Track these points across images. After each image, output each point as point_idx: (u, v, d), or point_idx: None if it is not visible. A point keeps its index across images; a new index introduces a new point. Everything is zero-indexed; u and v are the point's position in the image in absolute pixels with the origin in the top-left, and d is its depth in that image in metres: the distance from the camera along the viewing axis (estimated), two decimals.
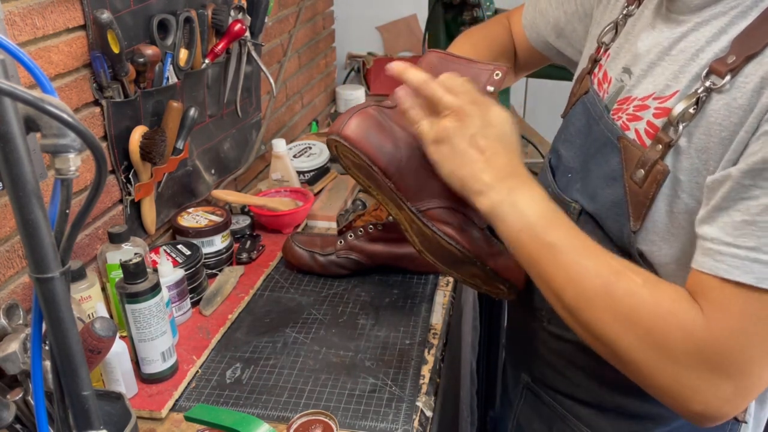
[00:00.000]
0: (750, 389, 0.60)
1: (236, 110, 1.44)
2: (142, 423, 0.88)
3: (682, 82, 0.66)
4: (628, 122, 0.72)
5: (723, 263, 0.58)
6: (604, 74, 0.79)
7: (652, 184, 0.67)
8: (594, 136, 0.77)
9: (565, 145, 0.84)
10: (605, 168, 0.73)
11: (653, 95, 0.69)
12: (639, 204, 0.69)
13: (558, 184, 0.83)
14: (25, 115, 0.45)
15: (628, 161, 0.70)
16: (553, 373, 0.88)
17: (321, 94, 2.12)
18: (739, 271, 0.56)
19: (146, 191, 1.14)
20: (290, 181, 1.46)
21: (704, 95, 0.62)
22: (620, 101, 0.74)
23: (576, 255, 0.66)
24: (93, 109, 1.02)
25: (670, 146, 0.65)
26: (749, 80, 0.59)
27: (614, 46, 0.80)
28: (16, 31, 0.85)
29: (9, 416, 0.63)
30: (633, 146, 0.70)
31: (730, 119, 0.60)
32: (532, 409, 0.94)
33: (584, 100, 0.81)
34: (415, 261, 1.19)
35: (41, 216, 0.47)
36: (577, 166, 0.80)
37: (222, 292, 1.14)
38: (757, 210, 0.56)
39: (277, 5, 1.67)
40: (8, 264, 0.88)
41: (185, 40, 1.18)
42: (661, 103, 0.68)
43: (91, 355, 0.70)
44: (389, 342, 1.04)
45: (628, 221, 0.70)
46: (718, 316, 0.58)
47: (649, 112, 0.69)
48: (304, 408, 0.90)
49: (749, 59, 0.59)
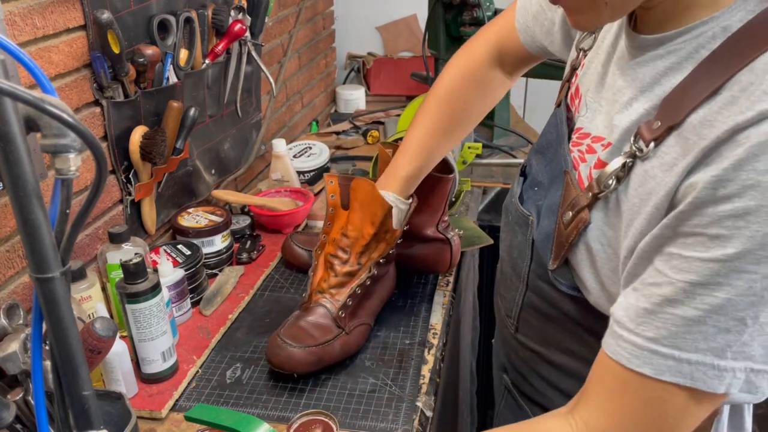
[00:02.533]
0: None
1: (236, 110, 1.44)
2: (142, 423, 0.88)
3: (614, 135, 0.65)
4: (578, 160, 0.71)
5: (624, 350, 0.58)
6: (576, 89, 0.78)
7: (573, 230, 0.67)
8: (557, 160, 0.76)
9: (537, 156, 0.83)
10: (553, 197, 0.74)
11: (601, 140, 0.67)
12: (560, 245, 0.69)
13: (524, 194, 0.83)
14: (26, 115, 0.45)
15: (564, 198, 0.70)
16: (522, 380, 0.89)
17: (321, 94, 2.12)
18: (639, 361, 0.57)
19: (146, 191, 1.14)
20: (290, 181, 1.46)
21: (630, 161, 0.61)
22: (580, 135, 0.72)
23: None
24: (93, 109, 1.02)
25: (597, 198, 0.65)
26: (669, 152, 0.57)
27: (589, 55, 0.77)
28: (16, 31, 0.85)
29: (9, 416, 0.63)
30: (572, 185, 0.70)
31: (644, 187, 0.59)
32: (510, 410, 0.95)
33: (556, 114, 0.80)
34: (414, 261, 1.19)
35: (41, 216, 0.47)
36: (545, 183, 0.79)
37: (222, 292, 1.14)
38: (659, 300, 0.56)
39: (277, 5, 1.67)
40: (8, 264, 0.88)
41: (185, 40, 1.18)
42: (604, 151, 0.66)
43: (91, 355, 0.70)
44: (389, 342, 1.04)
45: (549, 257, 0.71)
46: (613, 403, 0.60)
47: (594, 158, 0.68)
48: (304, 408, 0.90)
49: (671, 130, 0.57)
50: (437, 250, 1.18)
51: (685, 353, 0.54)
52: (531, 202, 0.81)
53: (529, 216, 0.79)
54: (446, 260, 1.20)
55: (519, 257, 0.82)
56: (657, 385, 0.56)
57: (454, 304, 1.19)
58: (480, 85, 1.00)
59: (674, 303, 0.54)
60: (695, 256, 0.53)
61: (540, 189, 0.80)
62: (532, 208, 0.79)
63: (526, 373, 0.87)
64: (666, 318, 0.55)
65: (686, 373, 0.55)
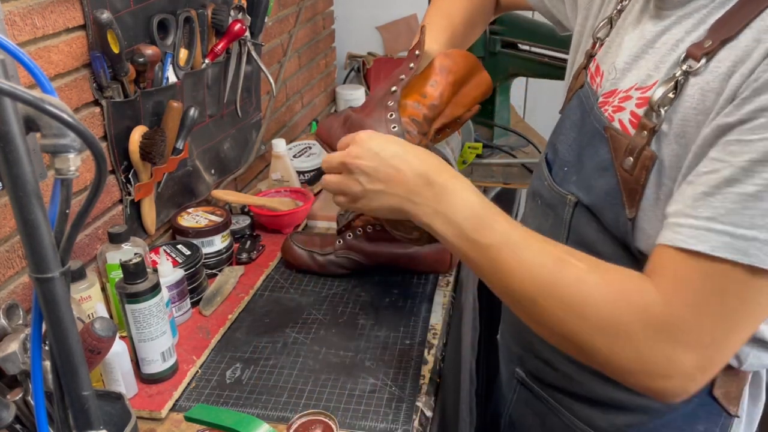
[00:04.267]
0: (711, 361, 0.60)
1: (236, 110, 1.44)
2: (142, 423, 0.88)
3: (662, 72, 0.67)
4: (613, 113, 0.72)
5: (680, 234, 0.58)
6: (596, 68, 0.80)
7: (642, 171, 0.67)
8: (586, 129, 0.77)
9: (560, 138, 0.84)
10: (596, 159, 0.74)
11: (635, 86, 0.70)
12: (632, 191, 0.69)
13: (554, 178, 0.83)
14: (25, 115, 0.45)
15: (616, 150, 0.71)
16: (546, 367, 0.88)
17: (321, 94, 2.12)
18: (695, 240, 0.57)
19: (146, 191, 1.14)
20: (290, 181, 1.46)
21: (682, 79, 0.62)
22: (606, 94, 0.75)
23: (514, 251, 0.66)
24: (93, 109, 1.01)
25: (654, 131, 0.65)
26: (722, 64, 0.59)
27: (607, 41, 0.81)
28: (16, 31, 0.85)
29: (9, 416, 0.63)
30: (619, 135, 0.70)
31: (704, 103, 0.60)
32: (525, 403, 0.95)
33: (579, 94, 0.82)
34: (414, 261, 1.19)
35: (41, 216, 0.47)
36: (573, 159, 0.80)
37: (222, 292, 1.14)
38: (716, 182, 0.56)
39: (277, 5, 1.67)
40: (8, 264, 0.88)
41: (185, 40, 1.18)
42: (643, 93, 0.68)
43: (91, 355, 0.70)
44: (389, 342, 1.04)
45: (624, 209, 0.70)
46: (673, 290, 0.58)
47: (631, 103, 0.70)
48: (304, 408, 0.90)
49: (724, 43, 0.59)
50: (437, 250, 1.18)
51: (741, 229, 0.55)
52: (566, 181, 0.81)
53: (567, 195, 0.79)
54: (446, 260, 1.20)
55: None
56: (714, 264, 0.56)
57: (454, 304, 1.19)
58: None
59: (732, 182, 0.55)
60: (755, 138, 0.54)
61: (569, 168, 0.80)
62: (569, 185, 0.80)
63: (551, 359, 0.86)
64: (724, 197, 0.55)
65: (741, 249, 0.55)
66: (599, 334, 0.61)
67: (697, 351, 0.59)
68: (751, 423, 0.82)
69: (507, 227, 0.68)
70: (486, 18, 1.12)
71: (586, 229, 0.76)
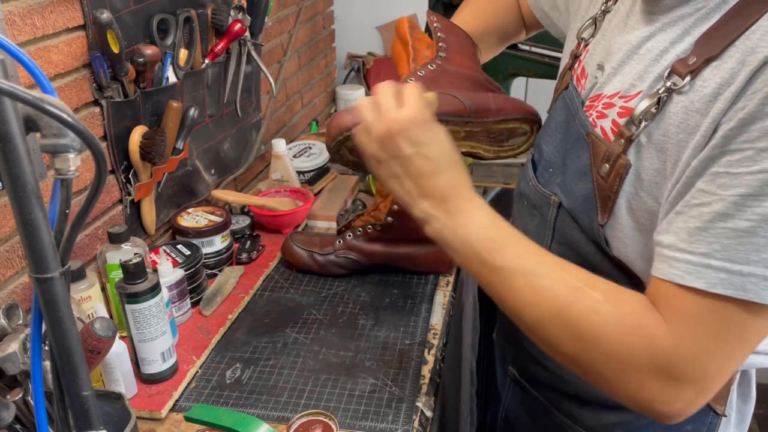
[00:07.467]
0: (711, 388, 0.61)
1: (236, 110, 1.44)
2: (142, 423, 0.88)
3: (645, 83, 0.67)
4: (597, 119, 0.73)
5: (677, 269, 0.58)
6: (582, 70, 0.80)
7: (616, 178, 0.68)
8: (571, 131, 0.78)
9: (546, 140, 0.85)
10: (578, 163, 0.74)
11: (619, 93, 0.70)
12: (605, 198, 0.70)
13: (539, 178, 0.84)
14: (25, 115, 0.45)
15: (595, 156, 0.71)
16: (537, 366, 0.89)
17: (321, 94, 2.12)
18: (692, 276, 0.57)
19: (146, 191, 1.14)
20: (290, 181, 1.46)
21: (665, 95, 0.63)
22: (592, 98, 0.75)
23: (529, 277, 0.65)
24: (93, 109, 1.01)
25: (631, 141, 0.66)
26: (707, 85, 0.59)
27: (592, 42, 0.81)
28: (15, 31, 0.85)
29: (9, 416, 0.63)
30: (599, 141, 0.71)
31: (688, 122, 0.60)
32: (519, 402, 0.95)
33: (564, 96, 0.82)
34: (414, 261, 1.19)
35: (41, 216, 0.47)
36: (558, 161, 0.80)
37: (222, 292, 1.14)
38: (709, 217, 0.56)
39: (277, 5, 1.67)
40: (8, 264, 0.88)
41: (185, 40, 1.18)
42: (626, 102, 0.68)
43: (90, 355, 0.70)
44: (389, 342, 1.04)
45: (597, 215, 0.71)
46: (680, 324, 0.59)
47: (614, 111, 0.70)
48: (304, 408, 0.90)
49: (708, 62, 0.59)
50: (437, 250, 1.18)
51: (737, 265, 0.55)
52: (550, 183, 0.81)
53: (551, 195, 0.79)
54: (446, 260, 1.20)
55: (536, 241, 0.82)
56: (714, 300, 0.56)
57: (454, 304, 1.19)
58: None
59: (725, 217, 0.55)
60: (744, 171, 0.54)
61: (555, 169, 0.81)
62: (553, 187, 0.80)
63: (542, 359, 0.87)
64: (718, 232, 0.56)
65: (738, 285, 0.55)
66: (608, 363, 0.62)
67: (698, 383, 0.60)
68: (742, 421, 0.83)
69: (523, 250, 0.67)
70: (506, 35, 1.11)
71: (569, 231, 0.77)
